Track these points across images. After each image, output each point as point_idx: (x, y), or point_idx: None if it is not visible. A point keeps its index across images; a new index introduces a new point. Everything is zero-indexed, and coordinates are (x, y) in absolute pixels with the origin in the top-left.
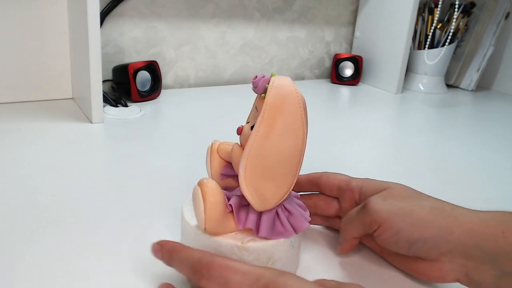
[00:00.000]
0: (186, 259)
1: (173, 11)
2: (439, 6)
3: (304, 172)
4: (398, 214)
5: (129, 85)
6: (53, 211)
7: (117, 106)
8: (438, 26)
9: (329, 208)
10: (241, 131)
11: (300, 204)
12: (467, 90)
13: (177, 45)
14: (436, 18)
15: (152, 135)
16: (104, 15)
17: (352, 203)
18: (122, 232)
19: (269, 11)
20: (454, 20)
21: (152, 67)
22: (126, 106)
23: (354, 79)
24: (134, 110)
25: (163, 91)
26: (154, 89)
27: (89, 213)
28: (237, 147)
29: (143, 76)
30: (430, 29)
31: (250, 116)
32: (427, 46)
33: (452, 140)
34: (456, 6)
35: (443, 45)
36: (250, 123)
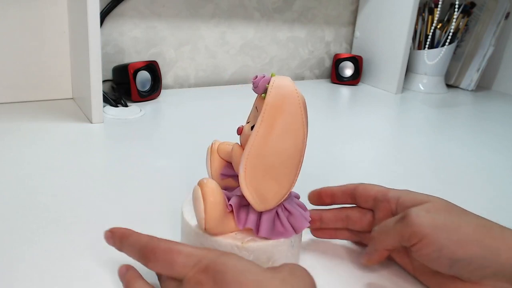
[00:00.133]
0: (134, 244)
1: (173, 11)
2: (439, 6)
3: (304, 172)
4: (443, 230)
5: (129, 85)
6: (53, 211)
7: (117, 106)
8: (438, 26)
9: (362, 221)
10: (241, 131)
11: (300, 204)
12: (467, 90)
13: (177, 45)
14: (436, 18)
15: (152, 135)
16: (104, 15)
17: (388, 214)
18: None
19: (269, 11)
20: (454, 20)
21: (152, 67)
22: (126, 106)
23: (354, 79)
24: (134, 110)
25: (163, 91)
26: (154, 89)
27: (89, 213)
28: (237, 147)
29: (143, 76)
30: (430, 29)
31: (250, 116)
32: (427, 46)
33: (452, 140)
34: (456, 6)
35: (443, 45)
36: (250, 123)
